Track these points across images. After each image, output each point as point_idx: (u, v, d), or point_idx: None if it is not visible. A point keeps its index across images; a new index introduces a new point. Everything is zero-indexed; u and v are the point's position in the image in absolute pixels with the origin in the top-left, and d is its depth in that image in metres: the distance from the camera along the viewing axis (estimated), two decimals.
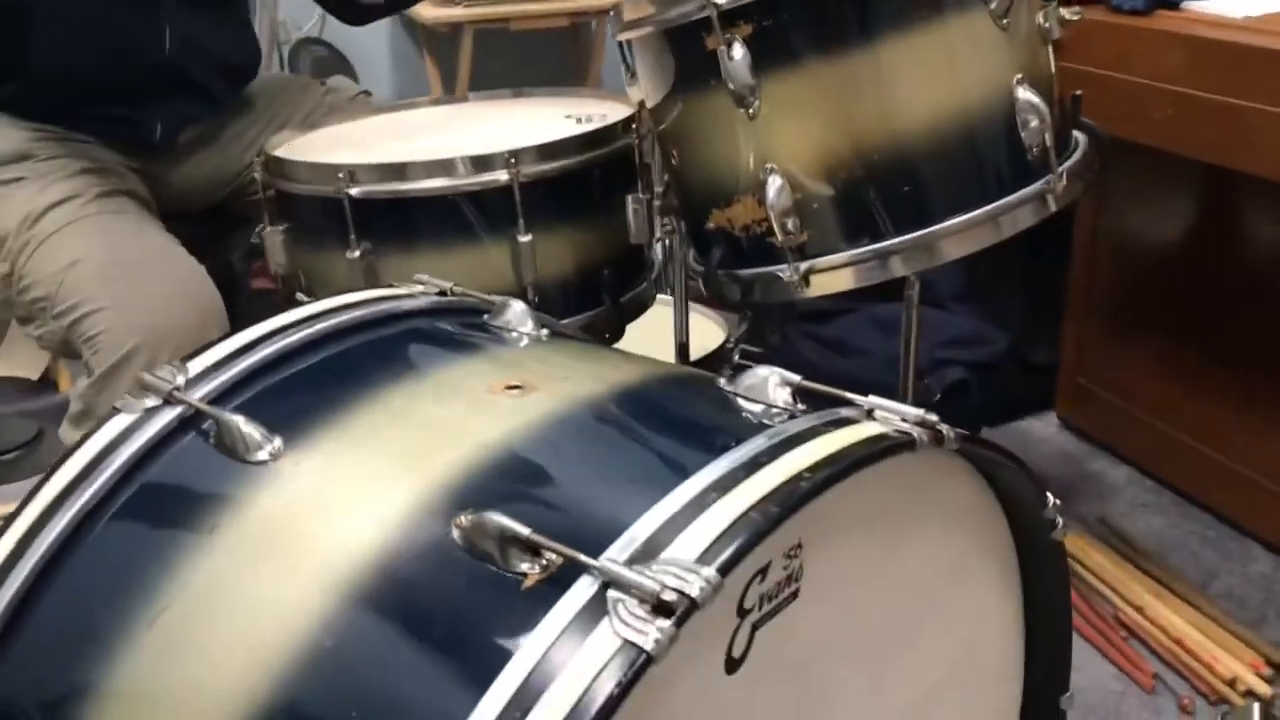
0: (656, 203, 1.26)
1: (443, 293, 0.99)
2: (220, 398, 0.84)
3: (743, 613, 0.69)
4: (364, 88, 1.72)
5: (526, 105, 1.48)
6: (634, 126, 1.27)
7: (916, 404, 1.79)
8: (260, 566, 0.71)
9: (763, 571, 0.70)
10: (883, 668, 0.85)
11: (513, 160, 1.17)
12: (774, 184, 1.06)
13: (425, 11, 2.62)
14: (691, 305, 2.26)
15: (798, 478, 0.67)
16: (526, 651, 0.59)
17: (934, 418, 0.75)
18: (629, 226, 1.28)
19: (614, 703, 0.57)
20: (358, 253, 1.18)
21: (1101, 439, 2.12)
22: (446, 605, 0.67)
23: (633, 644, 0.58)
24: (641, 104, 1.20)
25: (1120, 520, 1.89)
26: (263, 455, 0.77)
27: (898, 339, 2.08)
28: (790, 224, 1.07)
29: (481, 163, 1.17)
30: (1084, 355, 2.12)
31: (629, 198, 1.27)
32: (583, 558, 0.62)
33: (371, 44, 2.85)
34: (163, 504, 0.79)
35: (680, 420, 0.81)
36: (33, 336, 1.36)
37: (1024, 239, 2.20)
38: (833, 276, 1.08)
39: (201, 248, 1.44)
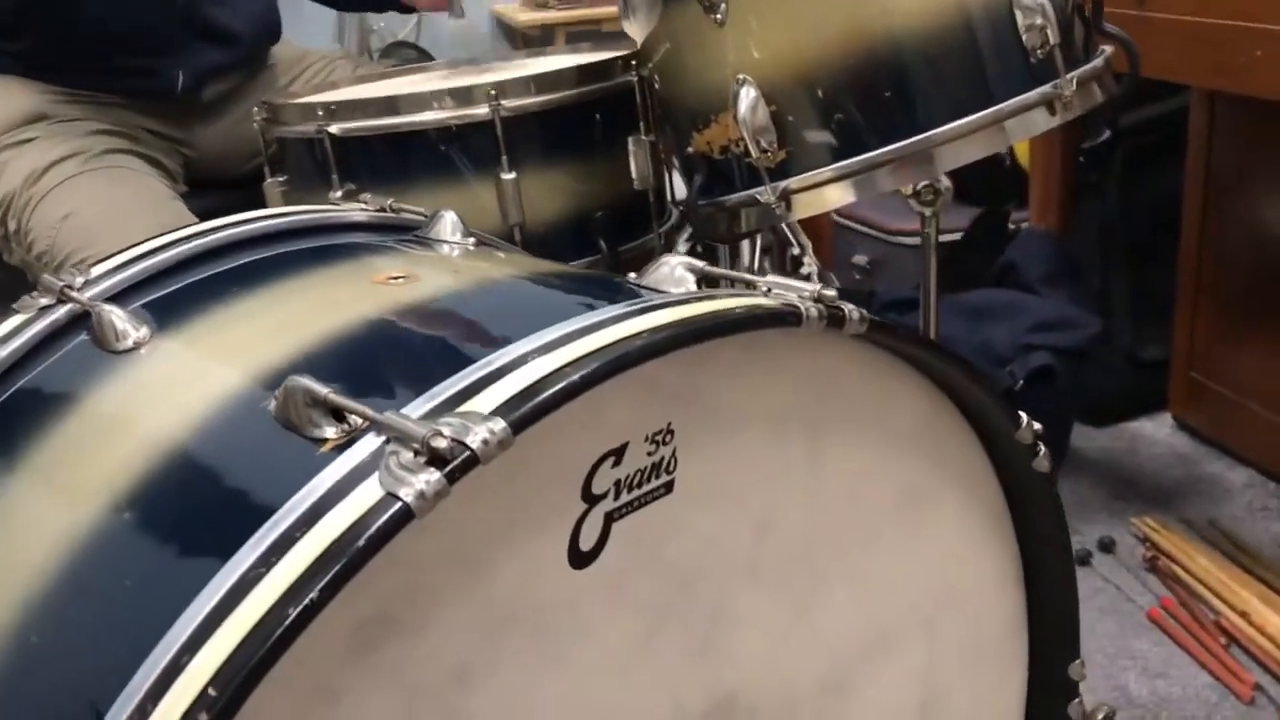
0: None
1: (382, 209, 0.94)
2: (115, 297, 0.81)
3: (591, 498, 0.61)
4: None
5: (548, 57, 1.43)
6: (633, 64, 1.20)
7: (997, 391, 1.63)
8: (86, 446, 0.68)
9: (617, 454, 0.62)
10: (809, 597, 0.75)
11: (494, 94, 1.11)
12: (746, 96, 0.97)
13: (519, 14, 2.63)
14: None
15: (633, 338, 0.58)
16: (289, 507, 0.53)
17: (832, 292, 0.66)
18: (631, 170, 1.21)
19: (360, 556, 0.50)
20: (340, 193, 1.14)
21: (1218, 439, 1.93)
22: (246, 474, 0.61)
23: (394, 495, 0.51)
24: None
25: (1234, 525, 1.72)
26: (128, 344, 0.74)
27: (985, 326, 1.94)
28: (765, 141, 0.98)
29: (462, 96, 1.12)
30: (1196, 348, 1.94)
31: (630, 139, 1.20)
32: (373, 414, 0.55)
33: (466, 48, 2.87)
34: (31, 399, 0.76)
35: (547, 300, 0.73)
36: None
37: (1130, 222, 2.06)
38: (815, 195, 0.99)
39: None
